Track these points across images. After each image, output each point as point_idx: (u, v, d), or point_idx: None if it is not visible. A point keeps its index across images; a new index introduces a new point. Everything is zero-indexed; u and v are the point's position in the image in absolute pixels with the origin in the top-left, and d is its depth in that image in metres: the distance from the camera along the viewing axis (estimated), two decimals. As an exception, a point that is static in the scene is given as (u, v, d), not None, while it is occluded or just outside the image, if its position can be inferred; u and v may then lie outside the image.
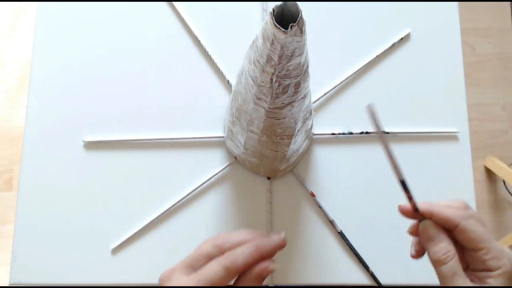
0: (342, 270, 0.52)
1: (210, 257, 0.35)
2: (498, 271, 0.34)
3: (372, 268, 0.52)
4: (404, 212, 0.37)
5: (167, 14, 0.58)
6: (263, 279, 0.34)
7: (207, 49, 0.57)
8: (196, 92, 0.56)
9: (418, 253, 0.38)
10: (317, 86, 0.56)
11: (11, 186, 1.29)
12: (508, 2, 1.48)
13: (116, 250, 0.52)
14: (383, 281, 0.52)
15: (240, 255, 0.34)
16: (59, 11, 0.58)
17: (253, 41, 0.37)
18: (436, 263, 0.35)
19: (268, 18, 0.32)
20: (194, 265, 0.36)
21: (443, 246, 0.35)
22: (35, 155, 0.54)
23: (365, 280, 0.52)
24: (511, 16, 1.48)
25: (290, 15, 0.33)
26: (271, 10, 0.32)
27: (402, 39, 0.58)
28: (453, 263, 0.34)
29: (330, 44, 0.58)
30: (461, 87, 0.58)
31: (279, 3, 0.32)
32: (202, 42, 0.57)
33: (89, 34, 0.57)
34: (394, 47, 0.58)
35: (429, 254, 0.36)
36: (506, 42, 1.48)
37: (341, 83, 0.57)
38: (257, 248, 0.34)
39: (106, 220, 0.52)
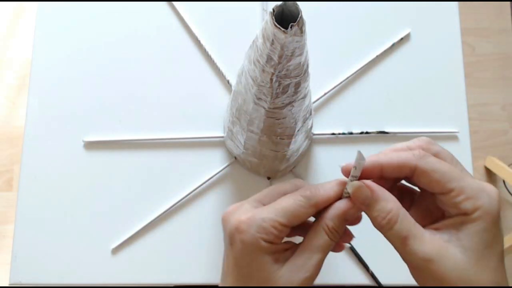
0: (342, 270, 0.52)
1: (285, 194, 0.32)
2: (476, 213, 0.27)
3: (372, 268, 0.52)
4: (346, 171, 0.30)
5: (167, 14, 0.58)
6: (346, 220, 0.31)
7: (207, 49, 0.57)
8: (196, 92, 0.56)
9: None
10: (317, 86, 0.56)
11: (11, 186, 1.29)
12: (508, 2, 1.48)
13: (116, 250, 0.52)
14: (383, 281, 0.52)
15: (321, 188, 0.31)
16: (59, 11, 0.58)
17: (253, 41, 0.37)
18: (381, 230, 0.29)
19: (268, 18, 0.32)
20: (265, 201, 0.32)
21: (381, 207, 0.29)
22: (35, 155, 0.54)
23: (365, 280, 0.52)
24: (511, 16, 1.48)
25: (290, 15, 0.33)
26: (271, 10, 0.32)
27: (402, 39, 0.58)
28: (401, 225, 0.28)
29: (330, 44, 0.58)
30: (461, 87, 0.58)
31: (279, 3, 0.32)
32: (202, 42, 0.57)
33: (89, 34, 0.57)
34: (394, 47, 0.58)
35: (371, 220, 0.30)
36: (506, 42, 1.48)
37: (341, 83, 0.57)
38: (341, 183, 0.31)
39: (106, 220, 0.52)
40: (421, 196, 0.32)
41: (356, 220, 0.33)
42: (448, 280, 0.27)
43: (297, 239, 0.33)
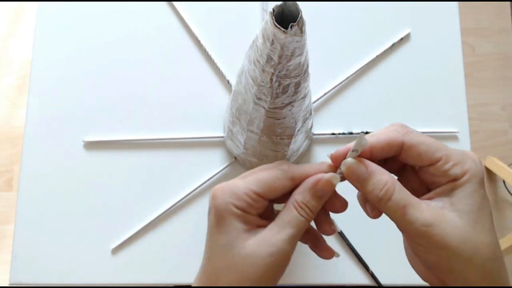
0: (342, 270, 0.52)
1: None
2: (465, 177, 0.28)
3: (372, 268, 0.52)
4: (336, 158, 0.31)
5: (167, 14, 0.58)
6: (320, 198, 0.31)
7: (207, 49, 0.57)
8: (196, 92, 0.56)
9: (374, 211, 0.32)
10: (317, 86, 0.56)
11: (11, 186, 1.29)
12: (508, 2, 1.48)
13: (116, 250, 0.52)
14: (383, 281, 0.52)
15: (302, 165, 0.32)
16: (59, 11, 0.58)
17: (253, 41, 0.37)
18: (379, 203, 0.29)
19: (268, 18, 0.32)
20: (247, 176, 0.33)
21: (377, 179, 0.29)
22: (35, 155, 0.54)
23: (365, 280, 0.52)
24: (511, 16, 1.48)
25: (290, 15, 0.33)
26: (271, 10, 0.32)
27: (402, 39, 0.58)
28: (398, 195, 0.28)
29: (330, 44, 0.58)
30: (461, 87, 0.58)
31: (279, 3, 0.32)
32: (202, 42, 0.57)
33: (89, 34, 0.57)
34: (394, 47, 0.58)
35: (367, 197, 0.30)
36: (506, 42, 1.48)
37: (341, 83, 0.57)
38: (323, 163, 0.32)
39: (106, 220, 0.52)
40: (403, 177, 0.33)
41: (341, 208, 0.32)
42: (448, 243, 0.27)
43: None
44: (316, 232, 0.34)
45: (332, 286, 0.53)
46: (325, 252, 0.34)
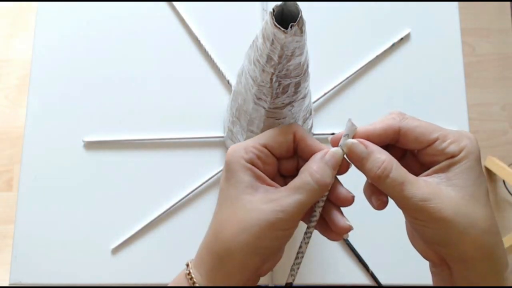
0: (342, 270, 0.52)
1: None
2: (462, 153, 0.29)
3: (372, 268, 0.52)
4: (335, 141, 0.33)
5: (167, 14, 0.58)
6: (330, 164, 0.31)
7: (207, 49, 0.57)
8: (196, 92, 0.56)
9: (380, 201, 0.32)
10: (317, 86, 0.56)
11: (11, 186, 1.29)
12: (508, 2, 1.48)
13: (116, 250, 0.52)
14: (383, 281, 0.52)
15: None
16: (59, 11, 0.58)
17: (253, 41, 0.37)
18: (377, 181, 0.30)
19: (268, 18, 0.32)
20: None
21: (375, 158, 0.30)
22: (35, 155, 0.54)
23: (365, 280, 0.52)
24: (511, 16, 1.48)
25: (290, 15, 0.33)
26: (271, 10, 0.32)
27: (402, 39, 0.58)
28: (396, 172, 0.29)
29: (330, 44, 0.58)
30: (461, 87, 0.58)
31: (279, 3, 0.32)
32: (202, 42, 0.57)
33: (89, 34, 0.57)
34: (394, 47, 0.58)
35: (367, 176, 0.31)
36: (506, 42, 1.48)
37: (341, 83, 0.57)
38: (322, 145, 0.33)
39: (106, 220, 0.52)
40: (403, 163, 0.33)
41: (346, 198, 0.33)
42: (445, 216, 0.28)
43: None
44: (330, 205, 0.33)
45: (332, 286, 0.53)
46: (339, 224, 0.32)
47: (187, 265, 0.33)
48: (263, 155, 0.32)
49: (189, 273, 0.32)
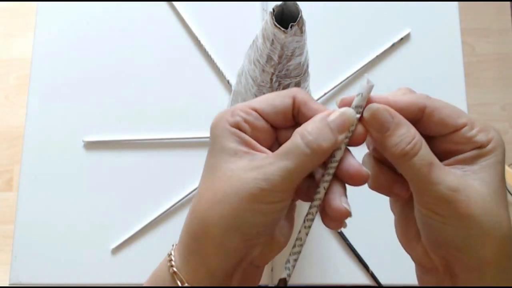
0: (342, 270, 0.52)
1: None
2: (490, 145, 0.25)
3: (372, 268, 0.52)
4: (345, 104, 0.27)
5: (167, 14, 0.58)
6: (334, 126, 0.26)
7: (207, 49, 0.57)
8: (196, 92, 0.56)
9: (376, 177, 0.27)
10: (317, 86, 0.56)
11: (11, 186, 1.29)
12: (508, 2, 1.48)
13: (116, 250, 0.52)
14: (383, 281, 0.52)
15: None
16: (59, 11, 0.58)
17: (253, 41, 0.37)
18: (402, 159, 0.25)
19: (268, 18, 0.32)
20: None
21: (405, 131, 0.25)
22: (35, 155, 0.54)
23: (365, 280, 0.52)
24: (511, 16, 1.48)
25: (290, 15, 0.33)
26: (271, 10, 0.32)
27: (402, 39, 0.58)
28: (425, 151, 0.25)
29: (330, 44, 0.58)
30: (461, 87, 0.58)
31: (279, 3, 0.32)
32: (202, 42, 0.57)
33: (89, 34, 0.57)
34: (394, 47, 0.58)
35: (387, 151, 0.25)
36: (506, 42, 1.48)
37: (341, 83, 0.57)
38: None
39: (106, 220, 0.52)
40: None
41: (359, 139, 0.27)
42: (473, 213, 0.24)
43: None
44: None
45: (332, 286, 0.53)
46: (334, 205, 0.27)
47: (172, 245, 0.29)
48: (251, 118, 0.27)
49: (169, 254, 0.28)
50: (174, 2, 0.58)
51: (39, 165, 0.54)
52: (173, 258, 0.28)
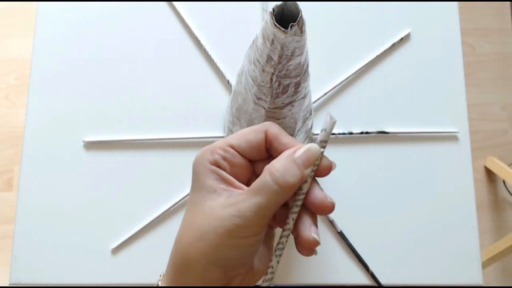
0: (342, 270, 0.52)
1: None
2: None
3: (372, 268, 0.52)
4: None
5: (167, 14, 0.58)
6: (301, 163, 0.28)
7: (207, 49, 0.57)
8: (196, 92, 0.56)
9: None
10: (317, 86, 0.56)
11: (11, 186, 1.29)
12: (508, 2, 1.48)
13: (116, 250, 0.52)
14: (383, 281, 0.52)
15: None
16: (59, 11, 0.58)
17: (253, 41, 0.37)
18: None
19: (268, 17, 0.32)
20: None
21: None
22: (35, 155, 0.54)
23: (365, 280, 0.52)
24: (511, 16, 1.48)
25: (290, 15, 0.33)
26: (271, 10, 0.32)
27: (402, 39, 0.58)
28: None
29: (330, 44, 0.58)
30: (461, 87, 0.58)
31: (279, 3, 0.32)
32: (202, 42, 0.57)
33: (89, 34, 0.57)
34: (394, 47, 0.58)
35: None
36: (506, 42, 1.48)
37: (341, 83, 0.57)
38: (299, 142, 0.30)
39: (106, 220, 0.52)
40: None
41: (325, 171, 0.30)
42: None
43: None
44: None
45: (332, 286, 0.53)
46: (303, 235, 0.29)
47: (160, 275, 0.31)
48: (229, 156, 0.29)
49: (157, 285, 0.31)
50: (174, 2, 0.58)
51: (39, 165, 0.54)
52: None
